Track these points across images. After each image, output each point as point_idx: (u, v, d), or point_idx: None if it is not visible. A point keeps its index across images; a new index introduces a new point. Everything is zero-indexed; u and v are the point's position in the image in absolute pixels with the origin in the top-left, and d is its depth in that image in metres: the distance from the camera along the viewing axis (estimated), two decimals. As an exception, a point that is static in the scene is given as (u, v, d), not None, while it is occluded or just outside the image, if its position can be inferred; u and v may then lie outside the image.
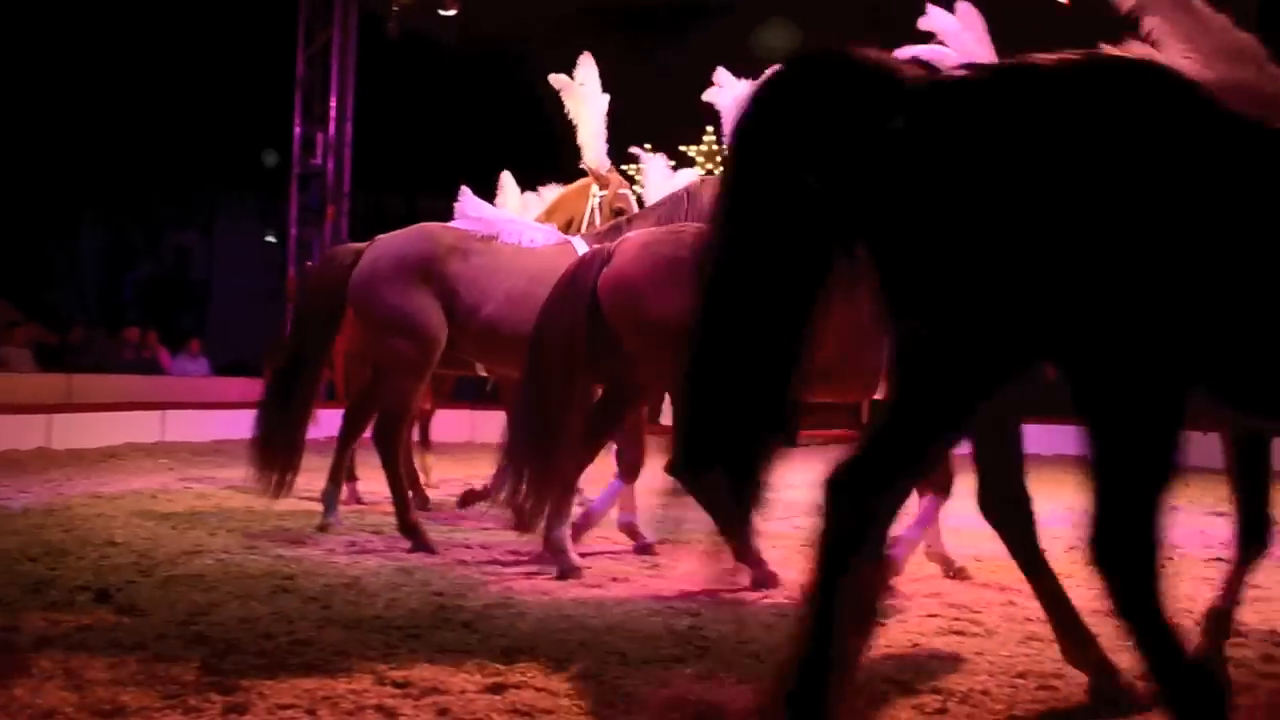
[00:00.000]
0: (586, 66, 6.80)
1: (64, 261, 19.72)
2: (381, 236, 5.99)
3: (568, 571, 4.90)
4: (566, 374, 4.91)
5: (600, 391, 5.43)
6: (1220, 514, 7.34)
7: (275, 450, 5.88)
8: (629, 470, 5.55)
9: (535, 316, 5.12)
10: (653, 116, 18.87)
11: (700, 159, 19.05)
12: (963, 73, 2.47)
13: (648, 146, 7.17)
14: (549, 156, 7.95)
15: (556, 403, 4.88)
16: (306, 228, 16.39)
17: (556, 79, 6.85)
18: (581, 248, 5.81)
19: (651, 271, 4.82)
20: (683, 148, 19.18)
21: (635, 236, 5.18)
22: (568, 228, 6.48)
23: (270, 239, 20.29)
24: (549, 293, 5.08)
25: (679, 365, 2.81)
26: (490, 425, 12.81)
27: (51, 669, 3.27)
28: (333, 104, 16.40)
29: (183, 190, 21.13)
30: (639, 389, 5.30)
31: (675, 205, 5.90)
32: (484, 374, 6.88)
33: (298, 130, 16.39)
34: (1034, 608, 4.39)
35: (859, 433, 2.91)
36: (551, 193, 7.19)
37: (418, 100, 18.65)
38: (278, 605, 4.18)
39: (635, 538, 5.73)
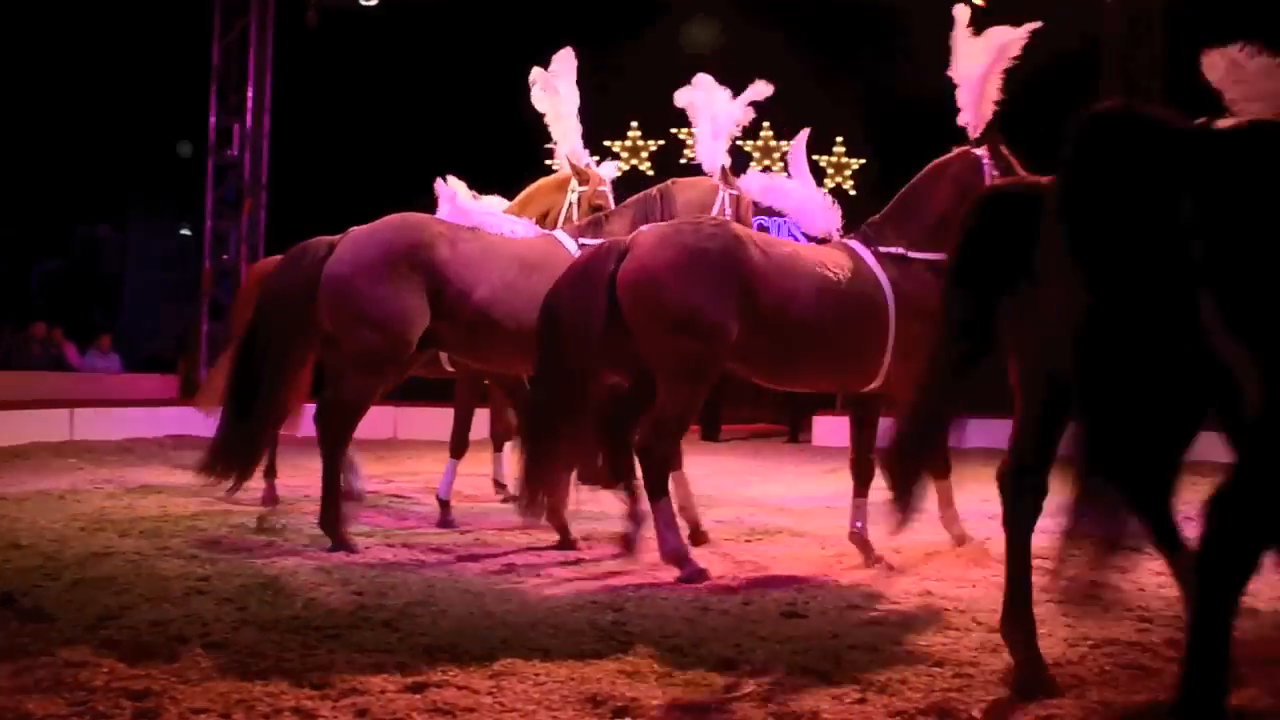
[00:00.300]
0: (564, 60, 6.67)
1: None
2: (357, 227, 5.69)
3: (694, 575, 4.80)
4: (583, 364, 4.90)
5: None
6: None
7: (234, 449, 5.56)
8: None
9: (529, 305, 5.15)
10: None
11: (624, 154, 19.05)
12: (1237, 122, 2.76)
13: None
14: (474, 146, 7.90)
15: (574, 393, 4.89)
16: (223, 221, 16.04)
17: (534, 73, 6.72)
18: (567, 242, 5.81)
19: (673, 264, 4.84)
20: (607, 142, 19.19)
21: (651, 229, 5.18)
22: (542, 221, 6.37)
23: (185, 232, 19.79)
24: (554, 282, 5.06)
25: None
26: (414, 422, 12.71)
27: (-49, 677, 3.16)
28: (249, 94, 16.06)
29: (94, 182, 20.51)
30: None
31: (649, 204, 5.95)
32: (449, 369, 6.87)
33: (213, 121, 16.02)
34: (951, 596, 4.51)
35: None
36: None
37: (338, 90, 18.34)
38: (191, 607, 4.08)
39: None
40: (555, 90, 6.62)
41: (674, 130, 18.63)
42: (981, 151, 5.49)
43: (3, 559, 4.88)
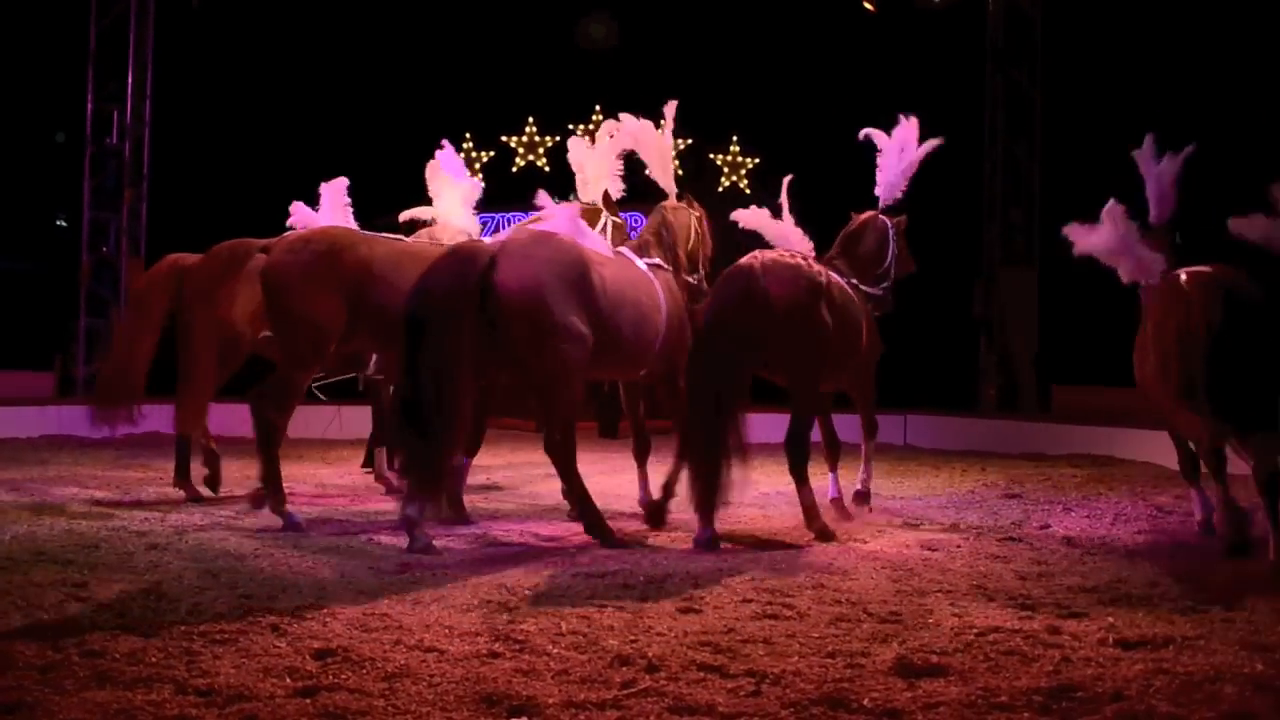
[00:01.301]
0: (670, 110, 7.02)
1: None
2: (513, 238, 5.83)
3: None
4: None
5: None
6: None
7: (421, 469, 5.39)
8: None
9: (640, 320, 6.12)
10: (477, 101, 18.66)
11: (520, 149, 18.93)
12: None
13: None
14: (359, 133, 7.75)
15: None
16: (101, 211, 15.41)
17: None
18: (640, 264, 6.46)
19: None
20: (504, 138, 19.05)
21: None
22: (669, 250, 6.70)
23: (62, 222, 18.96)
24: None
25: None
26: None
27: None
28: (130, 80, 15.46)
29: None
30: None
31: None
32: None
33: (90, 108, 15.38)
34: (844, 588, 4.60)
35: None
36: None
37: (223, 76, 17.81)
38: (67, 614, 3.93)
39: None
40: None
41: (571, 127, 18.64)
42: (886, 219, 7.00)
43: None
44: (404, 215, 7.60)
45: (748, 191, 18.57)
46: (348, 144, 7.96)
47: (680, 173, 18.34)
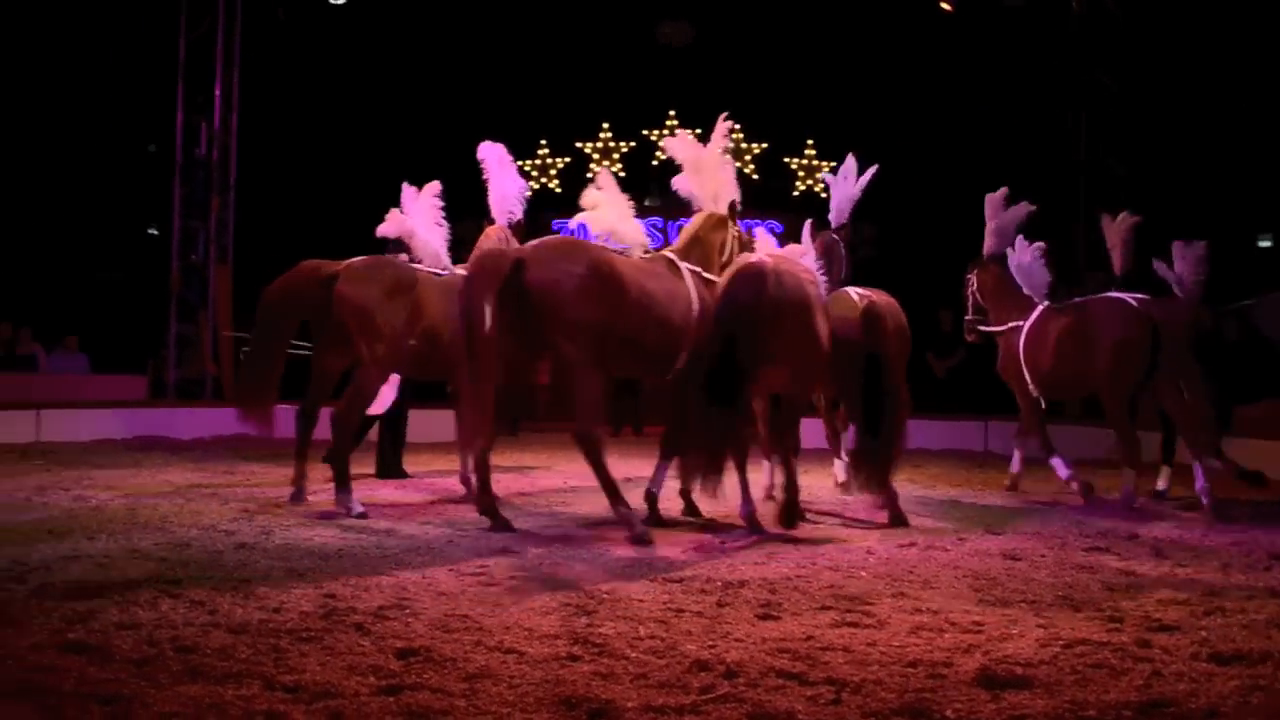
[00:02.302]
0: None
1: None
2: (754, 265, 6.37)
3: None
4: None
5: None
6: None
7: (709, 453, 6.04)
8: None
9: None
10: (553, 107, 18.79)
11: (595, 155, 19.02)
12: None
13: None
14: (440, 144, 7.89)
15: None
16: (191, 220, 15.86)
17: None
18: None
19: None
20: (579, 144, 19.16)
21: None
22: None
23: (153, 231, 19.56)
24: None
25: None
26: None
27: (-86, 683, 3.11)
28: (217, 92, 15.89)
29: (67, 180, 20.22)
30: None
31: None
32: None
33: (180, 119, 15.83)
34: (924, 597, 4.53)
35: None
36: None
37: (307, 88, 18.21)
38: (161, 610, 4.04)
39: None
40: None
41: (645, 132, 18.69)
42: (836, 236, 8.06)
43: (-33, 562, 4.81)
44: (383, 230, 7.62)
45: (824, 195, 18.46)
46: (425, 152, 8.08)
47: (755, 178, 18.36)
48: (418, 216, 7.48)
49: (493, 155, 7.84)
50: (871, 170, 7.97)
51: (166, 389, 15.00)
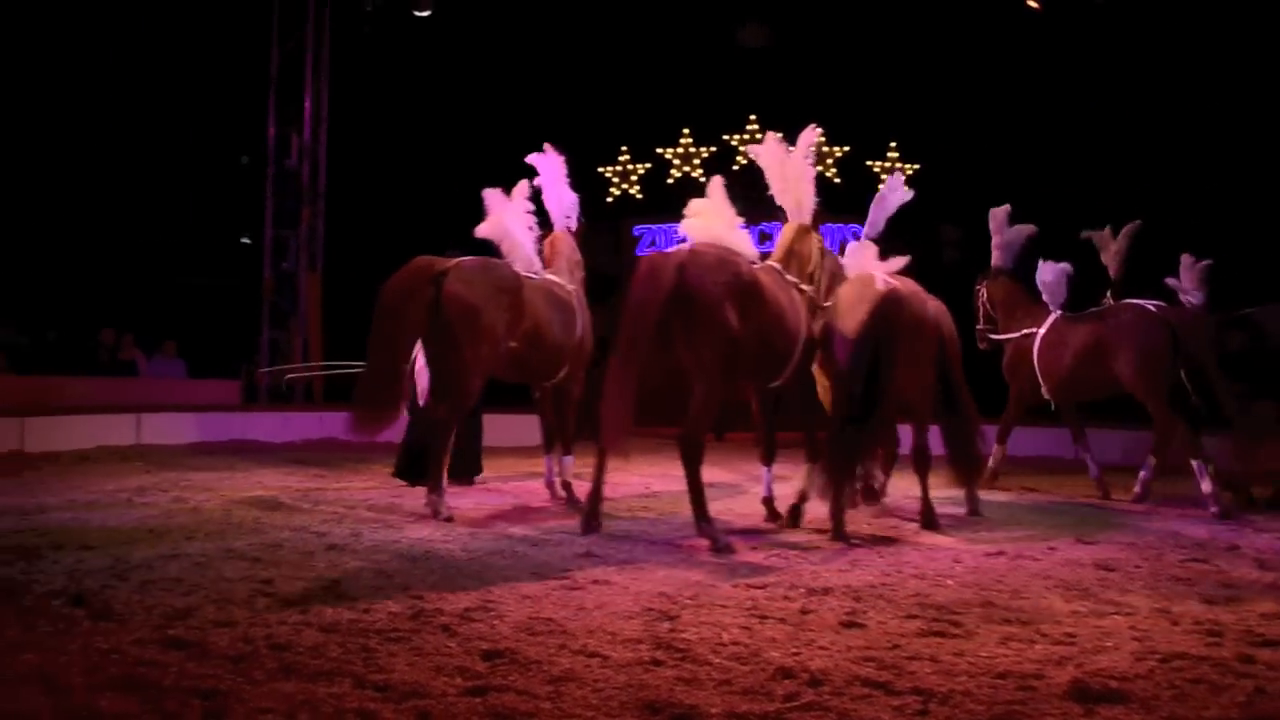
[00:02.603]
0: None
1: (38, 263, 19.45)
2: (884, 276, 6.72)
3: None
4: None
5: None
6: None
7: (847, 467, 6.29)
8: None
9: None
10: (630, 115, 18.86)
11: (676, 160, 19.03)
12: None
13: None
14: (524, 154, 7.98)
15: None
16: (282, 229, 16.28)
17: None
18: None
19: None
20: (660, 150, 19.20)
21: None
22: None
23: (246, 240, 20.13)
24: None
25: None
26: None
27: (27, 674, 3.24)
28: (307, 105, 16.29)
29: (160, 190, 20.93)
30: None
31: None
32: None
33: (272, 131, 16.26)
34: (1014, 607, 4.44)
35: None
36: None
37: (393, 99, 18.57)
38: (255, 609, 4.15)
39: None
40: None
41: (726, 137, 18.64)
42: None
43: (74, 560, 5.00)
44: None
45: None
46: (508, 159, 8.18)
47: (837, 181, 18.20)
48: (510, 219, 7.56)
49: (546, 165, 7.93)
50: (909, 194, 8.10)
51: (260, 393, 15.41)
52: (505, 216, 7.53)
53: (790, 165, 7.17)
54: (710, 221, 6.51)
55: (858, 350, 6.32)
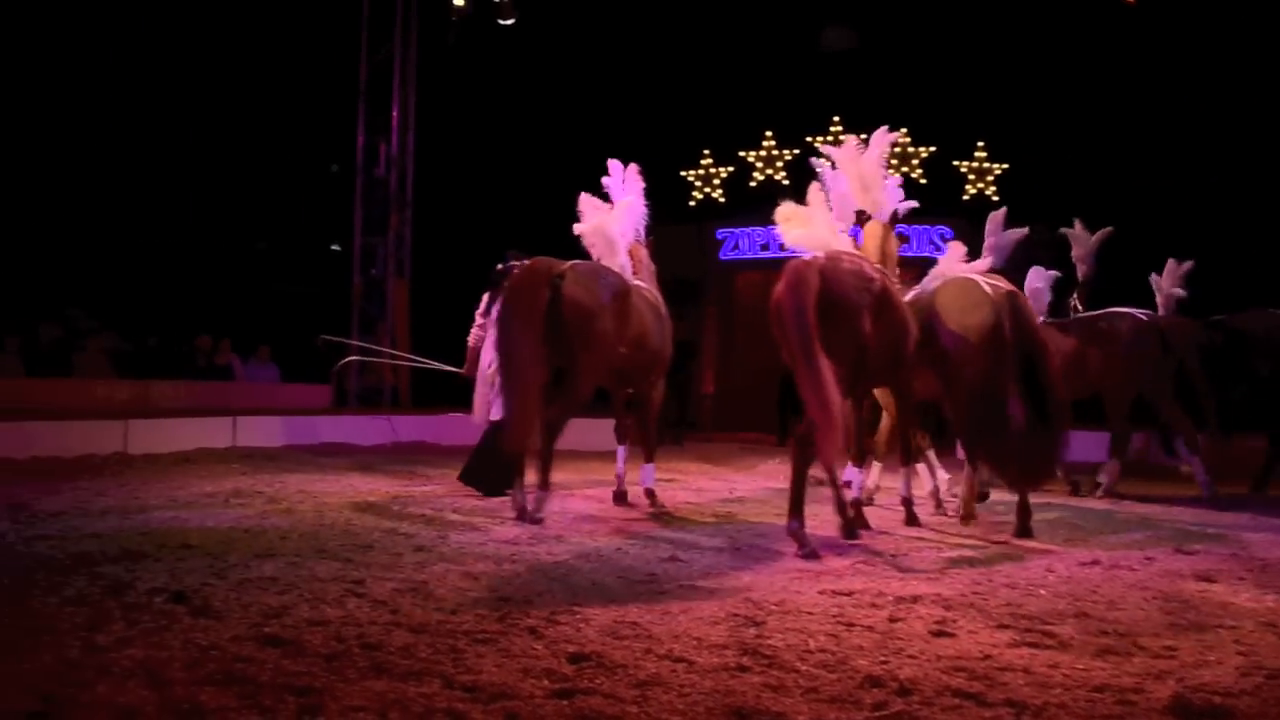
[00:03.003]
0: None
1: (138, 270, 20.16)
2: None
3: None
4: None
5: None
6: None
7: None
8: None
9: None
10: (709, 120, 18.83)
11: (759, 164, 18.96)
12: None
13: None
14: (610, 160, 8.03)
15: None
16: (371, 237, 16.60)
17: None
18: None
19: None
20: (742, 153, 19.14)
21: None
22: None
23: (336, 247, 20.60)
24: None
25: None
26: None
27: (131, 668, 3.35)
28: (395, 114, 16.59)
29: (254, 201, 21.52)
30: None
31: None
32: None
33: (361, 140, 16.59)
34: (1110, 618, 4.31)
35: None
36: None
37: (479, 108, 18.84)
38: (347, 608, 4.24)
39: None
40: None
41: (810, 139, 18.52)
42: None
43: (175, 558, 5.16)
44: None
45: (995, 199, 17.83)
46: (593, 164, 8.23)
47: (923, 182, 17.93)
48: (609, 225, 7.59)
49: (621, 180, 7.98)
50: (1021, 231, 8.38)
51: (349, 398, 15.73)
52: (603, 222, 7.59)
53: (866, 166, 7.19)
54: (812, 228, 6.49)
55: (999, 353, 6.49)
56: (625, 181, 8.03)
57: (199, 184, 20.22)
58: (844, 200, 7.23)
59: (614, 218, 7.67)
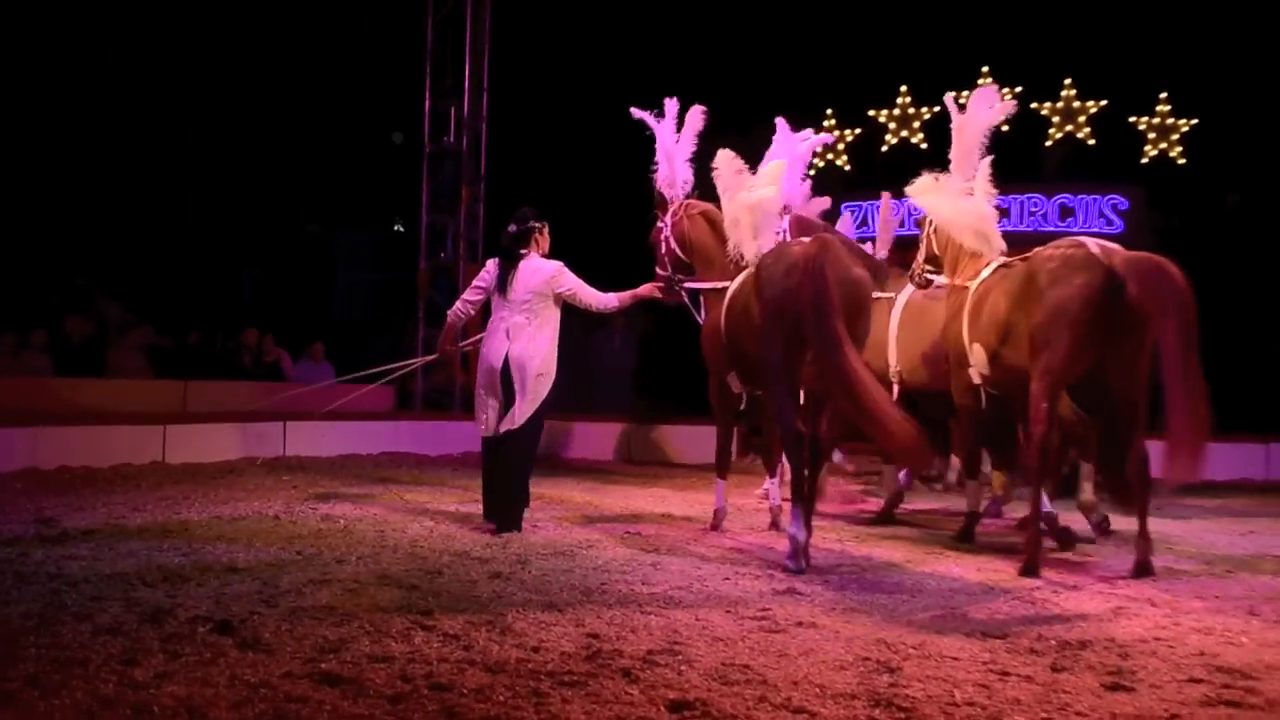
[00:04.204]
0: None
1: (176, 257, 20.79)
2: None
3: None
4: None
5: None
6: None
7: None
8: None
9: None
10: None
11: (891, 124, 18.70)
12: None
13: None
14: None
15: None
16: (439, 215, 16.78)
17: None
18: None
19: None
20: (872, 112, 18.92)
21: None
22: None
23: (399, 228, 20.91)
24: None
25: None
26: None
27: (172, 707, 3.46)
28: (466, 74, 16.69)
29: (300, 176, 21.97)
30: None
31: None
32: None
33: (428, 105, 16.74)
34: (1328, 673, 4.14)
35: None
36: None
37: (562, 68, 18.94)
38: (414, 643, 4.30)
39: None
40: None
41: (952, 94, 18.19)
42: None
43: (219, 583, 5.31)
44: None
45: (1181, 161, 17.32)
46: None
47: (1091, 143, 17.49)
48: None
49: (786, 133, 8.05)
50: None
51: (415, 399, 15.96)
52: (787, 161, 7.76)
53: (967, 125, 7.29)
54: (971, 206, 6.50)
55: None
56: (785, 140, 8.08)
57: (242, 160, 20.73)
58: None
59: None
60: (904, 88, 18.74)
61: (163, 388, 13.23)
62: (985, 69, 17.63)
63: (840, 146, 19.01)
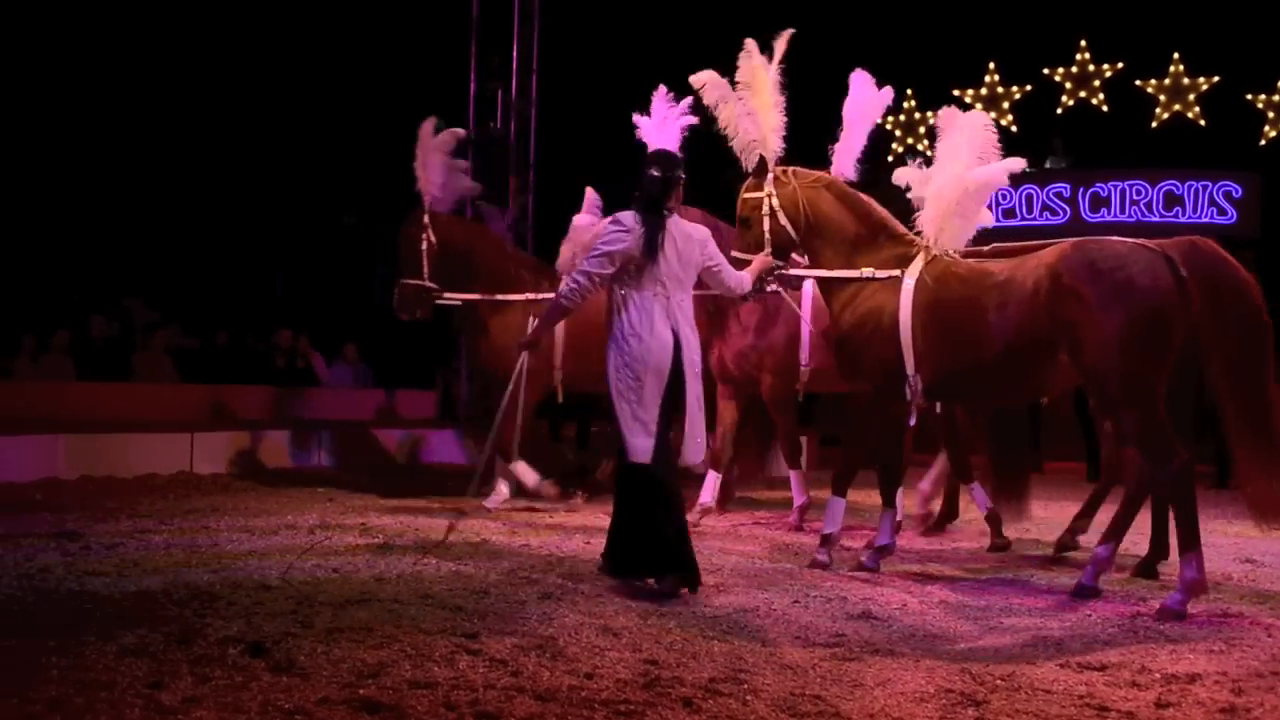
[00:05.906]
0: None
1: (204, 253, 21.04)
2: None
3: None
4: None
5: None
6: None
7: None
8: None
9: None
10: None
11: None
12: None
13: None
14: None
15: None
16: (485, 206, 16.83)
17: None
18: None
19: None
20: (956, 91, 18.80)
21: None
22: None
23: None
24: None
25: None
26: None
27: (202, 734, 3.52)
28: (515, 54, 16.75)
29: (339, 163, 22.13)
30: None
31: None
32: None
33: (473, 89, 16.80)
34: None
35: None
36: None
37: (619, 49, 18.96)
38: (459, 668, 4.35)
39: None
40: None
41: (1047, 71, 18.02)
42: None
43: (251, 602, 5.39)
44: None
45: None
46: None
47: (1202, 123, 17.23)
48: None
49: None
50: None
51: (457, 406, 16.06)
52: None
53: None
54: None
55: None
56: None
57: (274, 149, 20.95)
58: None
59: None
60: (991, 64, 18.61)
61: (190, 392, 13.43)
62: (1083, 43, 17.48)
63: (921, 130, 18.90)
